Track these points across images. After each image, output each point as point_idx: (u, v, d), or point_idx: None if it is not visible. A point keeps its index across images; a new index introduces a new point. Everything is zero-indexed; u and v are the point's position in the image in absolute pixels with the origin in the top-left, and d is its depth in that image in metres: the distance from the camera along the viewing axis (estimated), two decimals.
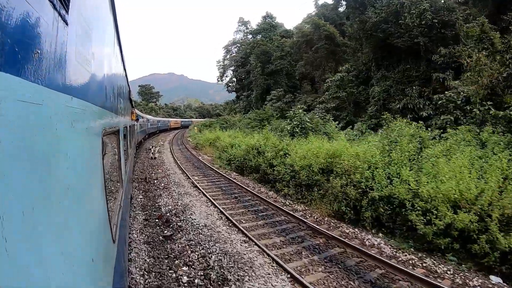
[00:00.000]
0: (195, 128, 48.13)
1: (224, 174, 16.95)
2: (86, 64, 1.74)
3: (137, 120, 16.48)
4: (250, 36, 70.40)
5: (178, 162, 21.03)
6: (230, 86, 65.17)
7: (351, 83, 35.13)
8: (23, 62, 0.83)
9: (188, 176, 16.51)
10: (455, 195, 7.26)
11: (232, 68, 65.10)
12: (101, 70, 2.55)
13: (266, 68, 52.43)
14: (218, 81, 69.58)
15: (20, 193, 0.79)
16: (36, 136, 0.93)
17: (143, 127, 29.50)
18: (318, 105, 35.01)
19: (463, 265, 6.86)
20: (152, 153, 24.83)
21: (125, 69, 6.52)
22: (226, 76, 68.92)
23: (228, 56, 70.36)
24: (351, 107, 34.25)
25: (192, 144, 35.44)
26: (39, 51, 0.94)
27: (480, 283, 6.12)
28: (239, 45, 70.49)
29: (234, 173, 17.91)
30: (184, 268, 6.47)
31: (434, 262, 6.97)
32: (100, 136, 2.21)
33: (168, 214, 9.96)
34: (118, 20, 3.94)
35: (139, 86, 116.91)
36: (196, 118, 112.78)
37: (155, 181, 15.01)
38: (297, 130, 18.24)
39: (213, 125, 45.44)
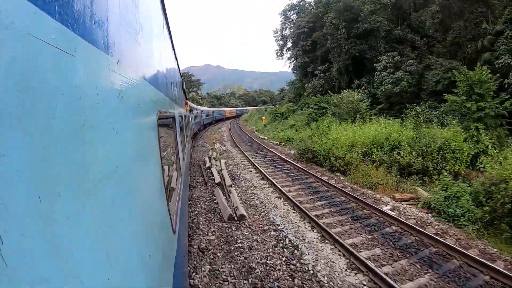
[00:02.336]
0: (263, 118, 32.99)
1: None
2: (134, 33, 1.56)
3: (190, 111, 16.60)
4: None
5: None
6: (295, 60, 48.79)
7: None
8: None
9: None
10: None
11: (295, 37, 48.66)
12: (152, 48, 2.34)
13: (353, 29, 36.45)
14: (278, 55, 53.62)
15: (33, 171, 0.58)
16: (63, 95, 0.71)
17: (197, 118, 27.19)
18: None
19: None
20: (219, 183, 10.13)
21: (176, 59, 6.08)
22: (288, 49, 52.73)
23: (287, 24, 53.97)
24: None
25: (279, 146, 20.34)
26: None
27: None
28: (298, 8, 54.00)
29: None
30: None
31: None
32: (155, 117, 2.03)
33: None
34: (165, 6, 3.73)
35: None
36: (242, 106, 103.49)
37: None
38: None
39: (294, 112, 30.04)
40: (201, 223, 7.19)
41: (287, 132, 22.78)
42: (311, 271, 5.26)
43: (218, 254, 5.69)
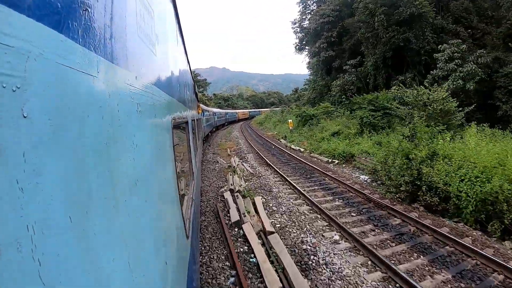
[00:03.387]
0: (289, 122, 26.13)
1: None
2: (150, 44, 1.55)
3: (202, 113, 16.43)
4: None
5: None
6: (319, 55, 41.82)
7: None
8: (65, 15, 0.65)
9: None
10: None
11: (318, 27, 41.64)
12: (166, 56, 2.32)
13: (393, 15, 30.05)
14: (297, 49, 46.86)
15: (65, 192, 0.61)
16: (88, 117, 0.74)
17: (209, 120, 26.97)
18: None
19: None
20: None
21: (188, 62, 5.92)
22: (307, 42, 45.79)
23: (307, 13, 47.03)
24: None
25: (332, 165, 12.93)
26: (89, 9, 0.77)
27: None
28: None
29: None
30: None
31: None
32: (170, 125, 2.05)
33: None
34: (178, 10, 3.60)
35: None
36: (250, 108, 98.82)
37: None
38: None
39: (332, 114, 23.38)
40: None
41: (337, 144, 15.80)
42: None
43: None
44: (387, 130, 16.22)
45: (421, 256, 5.41)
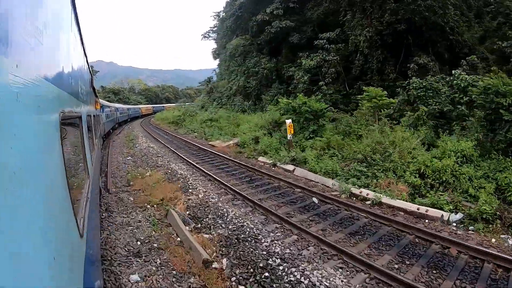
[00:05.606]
0: (288, 124, 11.16)
1: None
2: (35, 31, 1.43)
3: (102, 109, 15.72)
4: None
5: None
6: (269, 26, 28.35)
7: None
8: None
9: None
10: None
11: None
12: (57, 46, 2.20)
13: None
14: (231, 22, 32.27)
15: None
16: None
17: (110, 116, 25.58)
18: None
19: None
20: None
21: (85, 55, 5.60)
22: (241, 14, 31.85)
23: None
24: None
25: None
26: None
27: None
28: None
29: None
30: None
31: None
32: (57, 118, 1.92)
33: None
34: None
35: None
36: (144, 103, 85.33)
37: None
38: None
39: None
40: None
41: None
42: None
43: None
44: None
45: None
